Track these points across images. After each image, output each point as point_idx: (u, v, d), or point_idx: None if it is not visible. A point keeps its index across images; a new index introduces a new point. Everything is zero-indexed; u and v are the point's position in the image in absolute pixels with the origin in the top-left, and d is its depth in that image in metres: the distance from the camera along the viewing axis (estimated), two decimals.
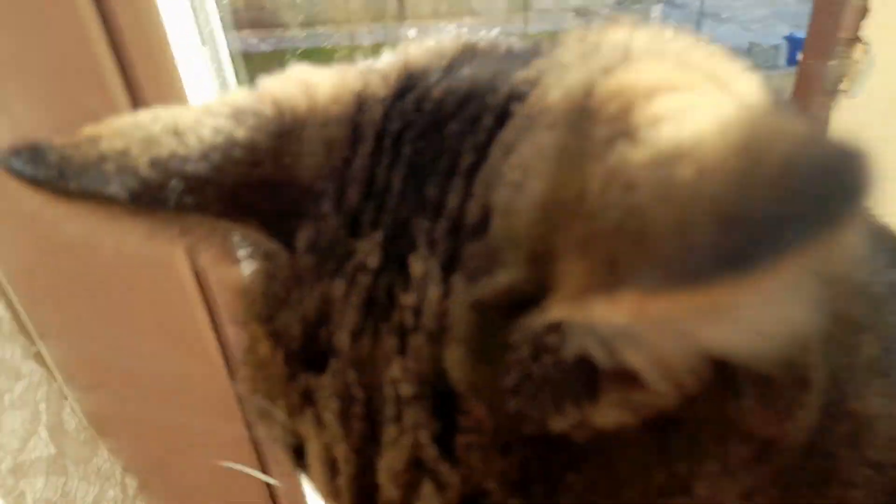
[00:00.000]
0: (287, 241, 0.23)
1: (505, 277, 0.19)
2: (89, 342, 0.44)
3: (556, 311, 0.16)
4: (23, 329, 0.41)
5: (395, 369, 0.21)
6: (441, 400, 0.21)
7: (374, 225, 0.22)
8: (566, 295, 0.16)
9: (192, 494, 0.54)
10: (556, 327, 0.17)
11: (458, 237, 0.20)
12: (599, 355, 0.17)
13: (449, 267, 0.20)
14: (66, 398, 0.44)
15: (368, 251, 0.22)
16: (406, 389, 0.21)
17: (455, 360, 0.20)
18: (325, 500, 0.24)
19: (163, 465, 0.52)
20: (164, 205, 0.21)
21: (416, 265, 0.21)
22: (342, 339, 0.22)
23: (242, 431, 0.50)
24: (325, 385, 0.23)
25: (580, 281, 0.15)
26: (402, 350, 0.21)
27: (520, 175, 0.18)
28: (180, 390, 0.48)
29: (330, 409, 0.23)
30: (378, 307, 0.22)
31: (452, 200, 0.21)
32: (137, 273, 0.42)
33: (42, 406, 0.42)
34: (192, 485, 0.54)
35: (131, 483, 0.51)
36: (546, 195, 0.17)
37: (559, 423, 0.18)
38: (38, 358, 0.43)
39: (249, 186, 0.22)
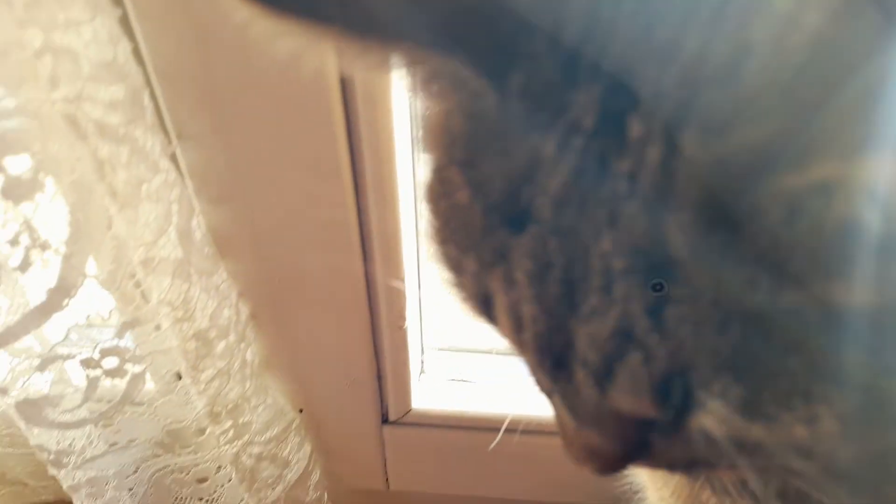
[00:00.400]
0: (498, 80, 0.21)
1: (758, 131, 0.16)
2: (225, 152, 0.43)
3: (827, 168, 0.15)
4: (163, 125, 0.41)
5: (605, 243, 0.20)
6: (656, 269, 0.19)
7: (594, 73, 0.19)
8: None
9: (299, 333, 0.55)
10: (822, 187, 0.15)
11: (693, 86, 0.17)
12: (874, 221, 0.15)
13: (678, 121, 0.18)
14: (194, 209, 0.44)
15: (584, 107, 0.19)
16: (618, 263, 0.20)
17: (681, 226, 0.18)
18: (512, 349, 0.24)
19: (275, 297, 0.52)
20: (373, 30, 0.20)
21: (635, 125, 0.18)
22: (545, 205, 0.21)
23: (360, 276, 0.49)
24: (522, 245, 0.21)
25: None
26: (613, 222, 0.19)
27: None
28: (305, 223, 0.47)
29: (523, 270, 0.22)
30: (588, 175, 0.20)
31: (692, 39, 0.17)
32: (287, 96, 0.40)
33: (174, 207, 0.42)
34: (300, 323, 0.54)
35: (244, 309, 0.51)
36: None
37: (796, 297, 0.17)
38: (174, 159, 0.42)
39: (460, 14, 0.20)
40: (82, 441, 0.49)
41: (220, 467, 0.55)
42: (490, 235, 0.22)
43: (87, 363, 0.44)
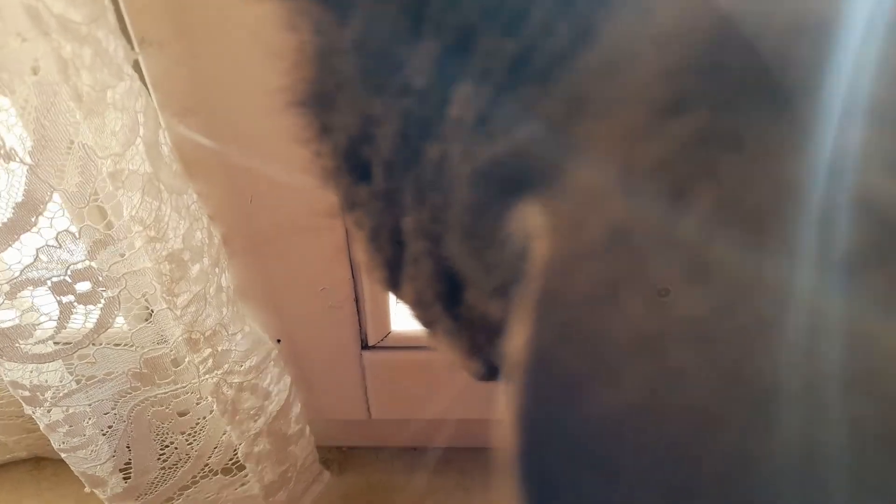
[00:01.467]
0: (341, 16, 0.22)
1: (520, 137, 0.18)
2: (189, 62, 0.43)
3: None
4: (125, 29, 0.41)
5: (409, 220, 0.22)
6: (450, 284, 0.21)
7: (438, 27, 0.19)
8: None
9: (273, 259, 0.55)
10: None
11: (517, 67, 0.18)
12: None
13: (486, 115, 0.19)
14: (160, 123, 0.44)
15: (420, 63, 0.20)
16: (418, 245, 0.22)
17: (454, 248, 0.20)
18: None
19: (246, 221, 0.52)
20: None
21: (457, 103, 0.19)
22: (377, 167, 0.22)
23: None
24: (364, 202, 0.23)
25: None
26: (418, 204, 0.21)
27: None
28: (276, 141, 0.47)
29: (366, 226, 0.24)
30: (409, 146, 0.21)
31: (535, 15, 0.18)
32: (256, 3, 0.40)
33: (140, 118, 0.41)
34: (273, 248, 0.55)
35: (216, 233, 0.51)
36: None
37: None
38: (137, 67, 0.42)
39: None
40: (58, 375, 0.49)
41: (200, 399, 0.55)
42: (339, 183, 0.24)
43: (59, 288, 0.44)
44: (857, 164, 0.13)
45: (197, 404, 0.56)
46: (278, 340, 0.61)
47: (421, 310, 0.25)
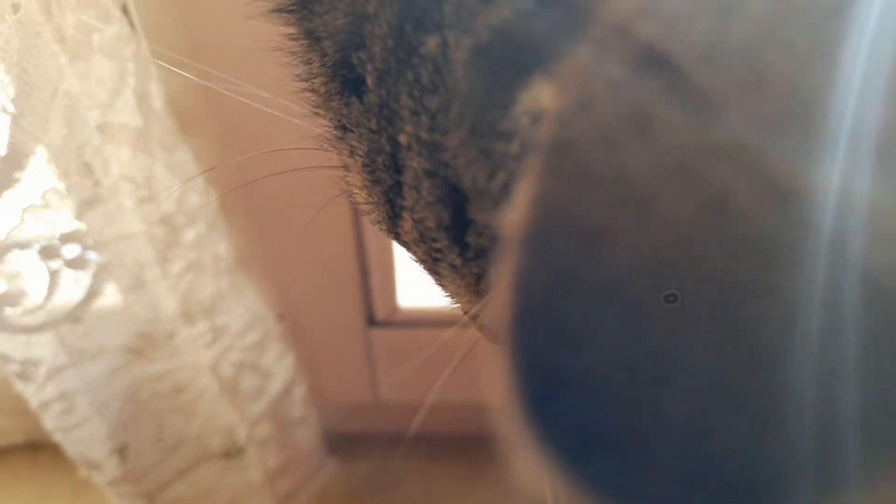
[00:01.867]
0: None
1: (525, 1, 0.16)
2: (183, 6, 0.41)
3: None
4: None
5: (406, 135, 0.20)
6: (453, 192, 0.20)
7: None
8: None
9: (274, 227, 0.53)
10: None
11: None
12: None
13: None
14: (153, 73, 0.42)
15: None
16: (418, 163, 0.20)
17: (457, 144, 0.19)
18: None
19: (243, 182, 0.50)
20: None
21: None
22: (370, 75, 0.20)
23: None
24: (357, 121, 0.22)
25: None
26: (415, 113, 0.19)
27: None
28: (277, 95, 0.45)
29: (361, 151, 0.22)
30: (404, 43, 0.19)
31: None
32: None
33: (130, 66, 0.39)
34: (275, 215, 0.52)
35: (212, 195, 0.49)
36: None
37: None
38: (127, 12, 0.40)
39: None
40: (50, 348, 0.46)
41: (198, 376, 0.53)
42: (331, 100, 0.22)
43: (47, 252, 0.42)
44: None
45: (195, 382, 0.54)
46: (282, 316, 0.58)
47: (424, 246, 0.23)
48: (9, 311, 0.43)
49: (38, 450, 0.72)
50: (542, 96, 0.15)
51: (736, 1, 0.12)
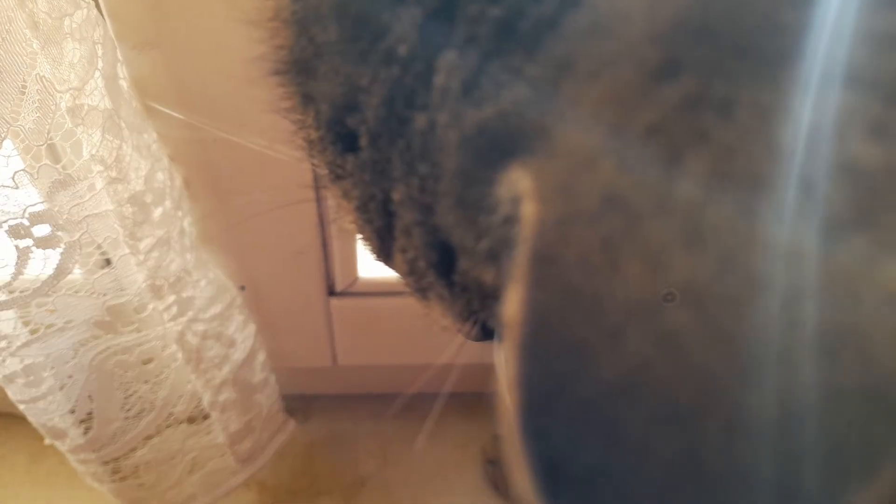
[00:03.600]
0: None
1: (507, 101, 0.18)
2: None
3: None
4: None
5: (399, 192, 0.22)
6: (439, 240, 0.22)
7: None
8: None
9: (237, 202, 0.55)
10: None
11: (503, 33, 0.19)
12: None
13: (472, 83, 0.19)
14: (119, 56, 0.43)
15: (403, 31, 0.20)
16: (409, 215, 0.22)
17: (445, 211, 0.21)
18: None
19: (208, 162, 0.52)
20: None
21: (442, 71, 0.19)
22: (364, 136, 0.22)
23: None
24: (351, 172, 0.24)
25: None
26: (407, 175, 0.22)
27: None
28: (240, 75, 0.47)
29: (354, 197, 0.24)
30: (395, 115, 0.21)
31: None
32: None
33: (99, 49, 0.41)
34: (237, 191, 0.55)
35: (177, 175, 0.51)
36: None
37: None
38: None
39: None
40: (15, 323, 0.48)
41: (165, 347, 0.56)
42: (326, 151, 0.25)
43: (16, 232, 0.43)
44: (839, 129, 0.14)
45: (161, 353, 0.56)
46: (242, 287, 0.61)
47: (414, 278, 0.26)
48: None
49: None
50: (518, 182, 0.18)
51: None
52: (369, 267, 0.63)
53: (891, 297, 0.14)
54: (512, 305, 0.16)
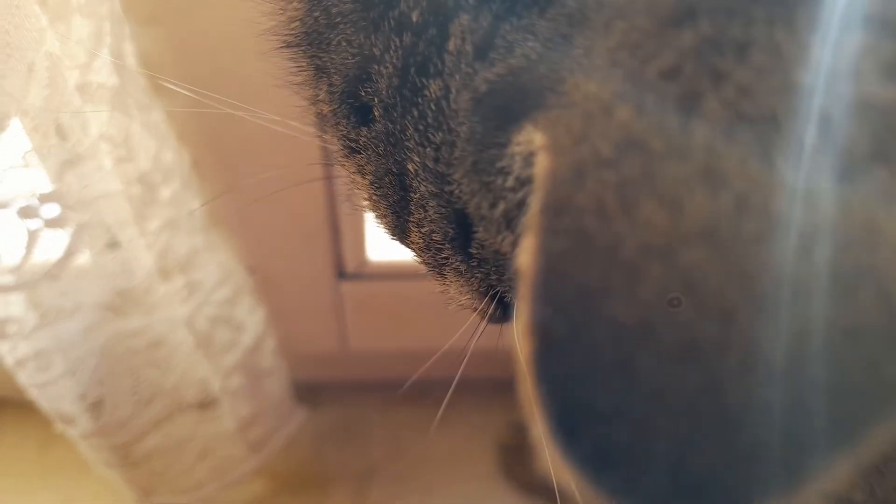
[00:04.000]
0: None
1: (519, 58, 0.18)
2: None
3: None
4: None
5: (413, 164, 0.22)
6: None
7: None
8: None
9: (245, 182, 0.55)
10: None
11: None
12: None
13: (485, 44, 0.20)
14: (126, 32, 0.43)
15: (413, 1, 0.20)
16: (425, 187, 0.23)
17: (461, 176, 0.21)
18: None
19: (216, 141, 0.52)
20: None
21: (455, 36, 0.20)
22: (377, 107, 0.23)
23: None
24: (366, 145, 0.24)
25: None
26: (421, 145, 0.22)
27: None
28: (249, 51, 0.47)
29: (369, 172, 0.25)
30: (408, 84, 0.21)
31: None
32: None
33: (106, 25, 0.41)
34: (245, 171, 0.55)
35: (185, 154, 0.51)
36: None
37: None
38: None
39: None
40: (23, 307, 0.48)
41: (174, 331, 0.56)
42: (339, 123, 0.25)
43: (26, 212, 0.44)
44: (856, 68, 0.15)
45: (171, 337, 0.56)
46: (251, 270, 0.61)
47: (430, 254, 0.26)
48: None
49: (2, 406, 0.74)
50: (532, 139, 0.18)
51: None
52: (379, 249, 0.63)
53: None
54: (525, 255, 0.17)
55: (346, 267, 0.62)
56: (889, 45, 0.15)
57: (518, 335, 0.17)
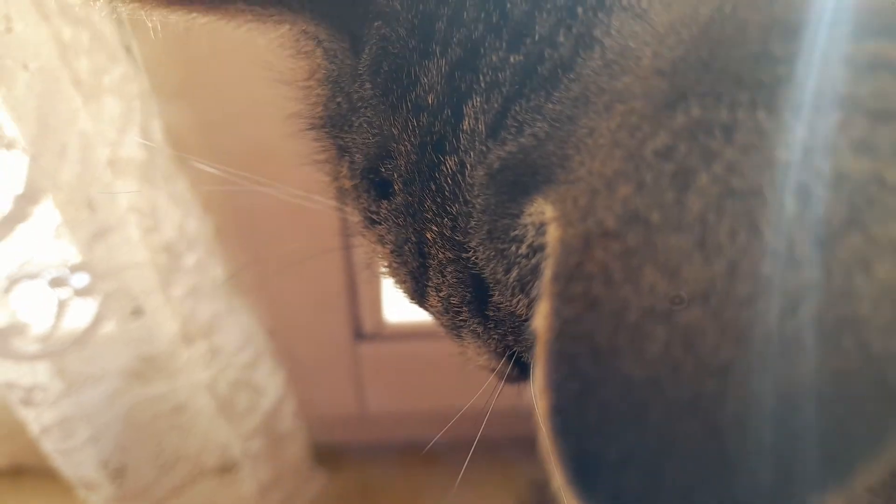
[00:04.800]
0: (353, 43, 0.24)
1: (528, 137, 0.21)
2: (181, 47, 0.45)
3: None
4: (119, 19, 0.43)
5: (432, 233, 0.24)
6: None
7: (444, 46, 0.23)
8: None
9: (266, 247, 0.57)
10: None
11: (523, 82, 0.21)
12: None
13: (497, 124, 0.22)
14: (154, 108, 0.46)
15: (431, 82, 0.23)
16: (443, 254, 0.25)
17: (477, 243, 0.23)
18: None
19: (238, 209, 0.55)
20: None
21: (469, 116, 0.22)
22: (397, 182, 0.25)
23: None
24: (386, 217, 0.26)
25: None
26: (438, 216, 0.24)
27: None
28: (268, 125, 0.50)
29: (390, 242, 0.27)
30: (426, 160, 0.23)
31: (541, 26, 0.21)
32: None
33: (136, 104, 0.44)
34: (266, 236, 0.57)
35: (209, 222, 0.54)
36: None
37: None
38: (129, 53, 0.44)
39: None
40: (51, 373, 0.50)
41: (196, 395, 0.57)
42: (359, 197, 0.27)
43: (56, 282, 0.46)
44: (830, 145, 0.16)
45: (193, 401, 0.58)
46: (271, 332, 0.63)
47: (449, 317, 0.28)
48: (16, 340, 0.47)
49: (22, 474, 0.75)
50: (543, 210, 0.20)
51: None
52: (397, 311, 0.65)
53: (886, 290, 0.15)
54: (540, 318, 0.18)
55: (363, 328, 0.63)
56: (860, 122, 0.16)
57: (535, 393, 0.18)
